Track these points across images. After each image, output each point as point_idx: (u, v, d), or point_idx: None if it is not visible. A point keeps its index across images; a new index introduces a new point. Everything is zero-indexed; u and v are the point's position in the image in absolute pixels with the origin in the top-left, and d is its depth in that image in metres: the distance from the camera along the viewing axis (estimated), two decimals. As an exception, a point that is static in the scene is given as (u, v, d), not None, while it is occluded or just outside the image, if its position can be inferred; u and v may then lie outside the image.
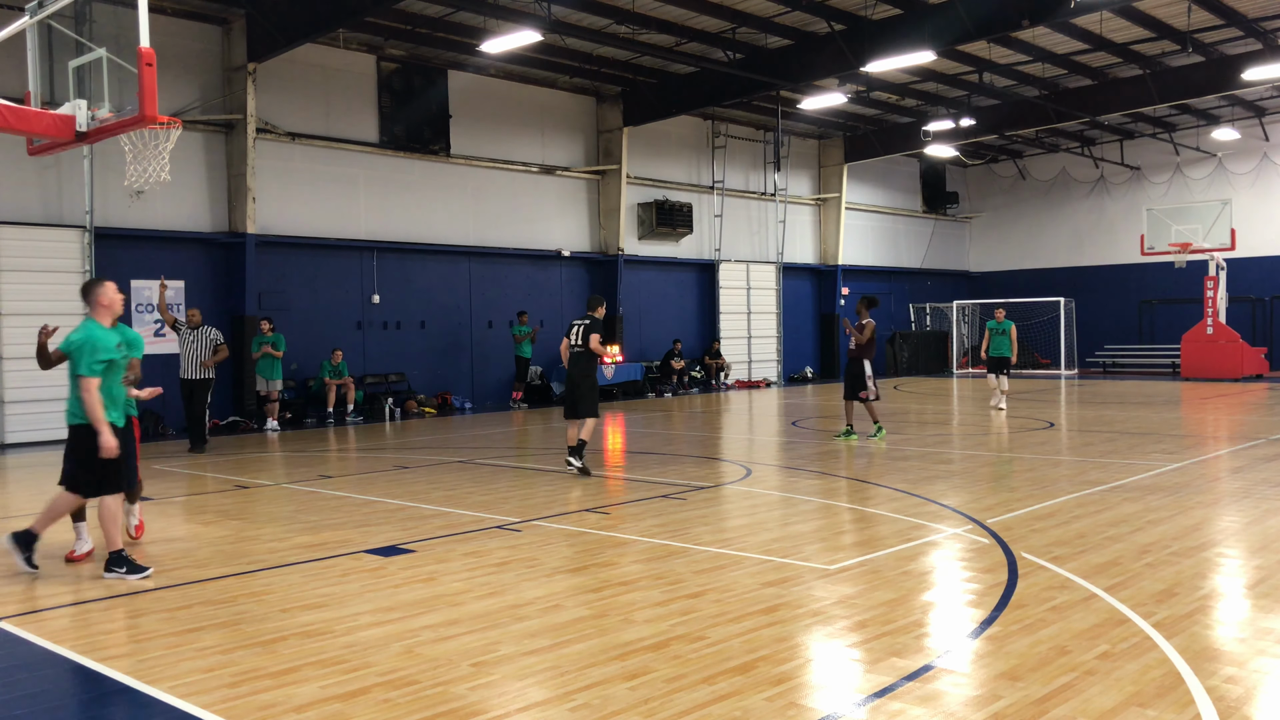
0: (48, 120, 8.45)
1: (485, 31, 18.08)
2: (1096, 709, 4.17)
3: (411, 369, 20.75)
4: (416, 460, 13.03)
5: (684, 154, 26.30)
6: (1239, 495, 9.17)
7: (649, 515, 8.80)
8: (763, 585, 6.23)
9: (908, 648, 5.01)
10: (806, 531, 8.00)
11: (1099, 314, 32.08)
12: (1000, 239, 35.17)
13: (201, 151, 17.79)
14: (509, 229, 22.39)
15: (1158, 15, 19.79)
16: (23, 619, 5.85)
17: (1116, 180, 32.34)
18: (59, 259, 16.03)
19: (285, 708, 4.36)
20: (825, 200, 30.23)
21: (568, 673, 4.72)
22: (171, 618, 5.82)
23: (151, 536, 8.36)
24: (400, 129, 20.36)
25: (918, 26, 18.20)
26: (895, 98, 25.90)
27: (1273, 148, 29.23)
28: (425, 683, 4.63)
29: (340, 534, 8.09)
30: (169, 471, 12.42)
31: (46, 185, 16.15)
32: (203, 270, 17.94)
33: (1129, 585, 6.05)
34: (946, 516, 8.37)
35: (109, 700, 4.57)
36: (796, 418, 18.13)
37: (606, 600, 5.98)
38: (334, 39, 18.93)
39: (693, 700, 4.34)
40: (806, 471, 11.35)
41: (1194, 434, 13.99)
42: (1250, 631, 5.22)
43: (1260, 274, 29.18)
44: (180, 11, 17.34)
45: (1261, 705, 4.24)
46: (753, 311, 28.07)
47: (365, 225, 20.01)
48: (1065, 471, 10.74)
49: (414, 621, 5.60)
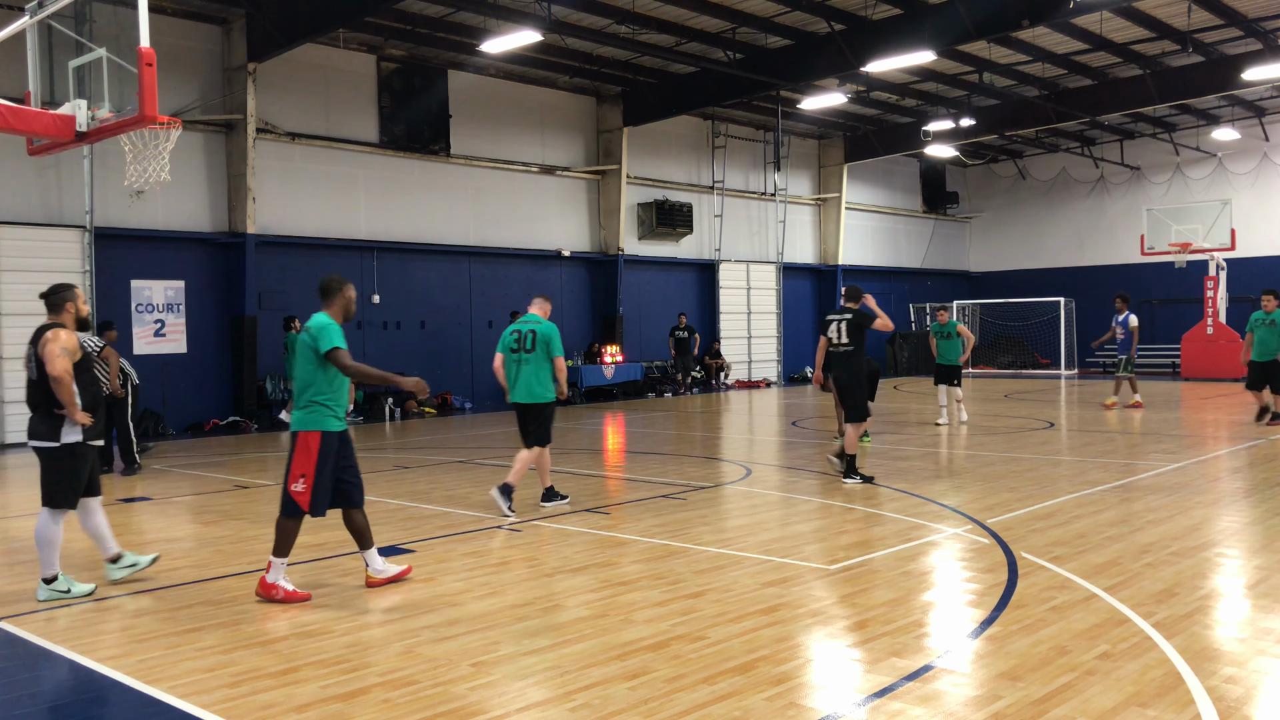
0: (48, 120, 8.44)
1: (485, 31, 18.08)
2: (1096, 709, 4.17)
3: (412, 369, 20.71)
4: (416, 460, 13.03)
5: (684, 154, 26.30)
6: (1239, 495, 9.17)
7: (649, 515, 8.79)
8: (763, 585, 6.23)
9: (908, 648, 5.01)
10: (806, 531, 8.00)
11: (1099, 314, 32.00)
12: (1000, 239, 35.16)
13: (201, 151, 17.78)
14: (509, 229, 22.39)
15: (1158, 15, 19.79)
16: (23, 619, 5.85)
17: (1116, 180, 32.33)
18: (59, 259, 16.03)
19: (285, 708, 4.36)
20: (825, 200, 30.23)
21: (568, 673, 4.72)
22: (171, 618, 5.82)
23: (152, 536, 8.37)
24: (400, 129, 20.35)
25: (918, 26, 18.20)
26: (895, 98, 25.90)
27: (1273, 148, 29.23)
28: (425, 683, 4.63)
29: (340, 534, 8.07)
30: (169, 471, 12.42)
31: (46, 185, 16.16)
32: (203, 270, 17.94)
33: (1129, 585, 6.05)
34: (946, 516, 8.36)
35: (109, 700, 4.57)
36: (796, 418, 18.13)
37: (606, 600, 5.98)
38: (334, 39, 18.93)
39: (693, 700, 4.34)
40: (806, 471, 11.35)
41: (1194, 434, 13.98)
42: (1250, 631, 5.22)
43: (1260, 274, 29.10)
44: (180, 11, 17.34)
45: (1261, 705, 4.24)
46: (753, 311, 28.06)
47: (365, 225, 20.01)
48: (1065, 471, 10.74)
49: (414, 621, 5.60)
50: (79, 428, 6.27)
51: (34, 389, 6.34)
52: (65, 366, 6.14)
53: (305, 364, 6.27)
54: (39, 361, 6.25)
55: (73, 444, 6.27)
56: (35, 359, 6.29)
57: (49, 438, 6.25)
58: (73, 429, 6.26)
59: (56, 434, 6.24)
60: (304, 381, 6.28)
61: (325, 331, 6.23)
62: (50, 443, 6.24)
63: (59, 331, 6.32)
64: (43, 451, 6.30)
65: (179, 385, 17.58)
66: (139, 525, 8.99)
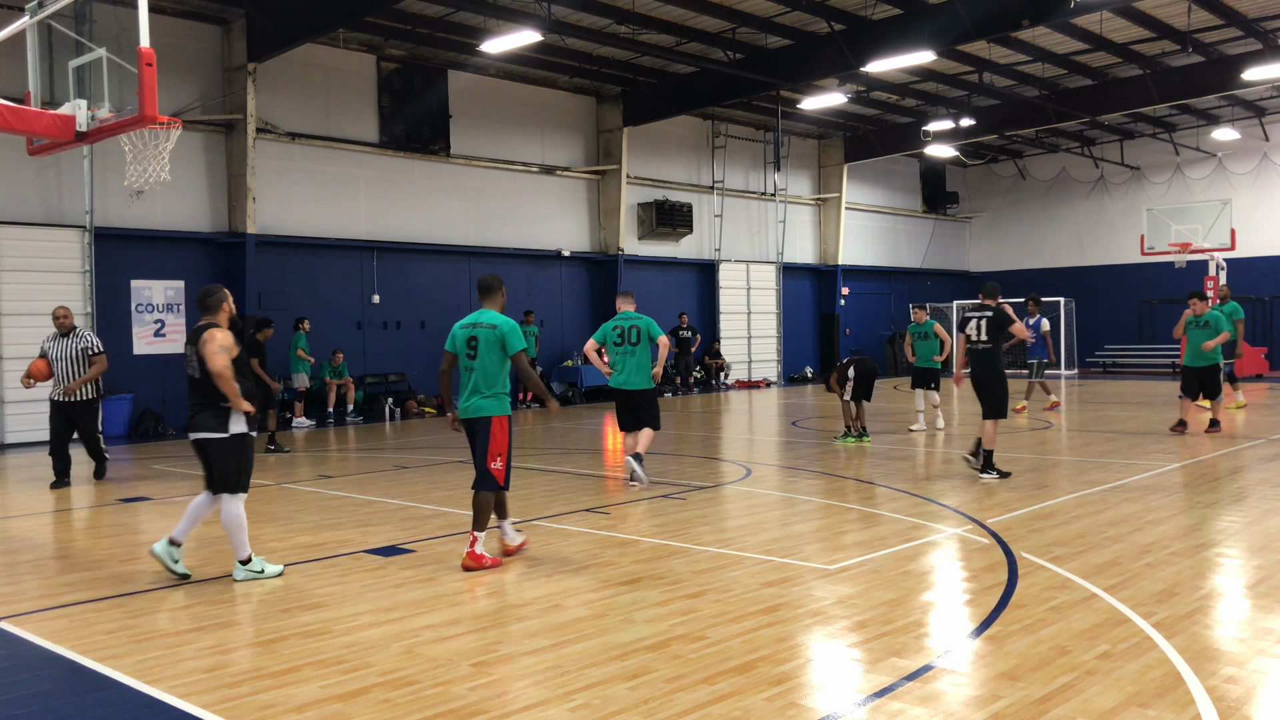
0: (48, 120, 8.45)
1: (485, 31, 18.08)
2: (1096, 709, 4.17)
3: (412, 369, 20.75)
4: (416, 460, 13.03)
5: (684, 154, 26.30)
6: (1239, 495, 9.17)
7: (649, 515, 8.80)
8: (763, 585, 6.23)
9: (908, 648, 5.01)
10: (806, 531, 8.00)
11: (1099, 314, 32.06)
12: (1000, 239, 35.17)
13: (201, 151, 17.79)
14: (509, 229, 22.39)
15: (1158, 15, 19.79)
16: (23, 619, 5.85)
17: (1116, 180, 32.33)
18: (59, 259, 16.04)
19: (285, 708, 4.36)
20: (825, 200, 30.23)
21: (568, 673, 4.72)
22: (171, 618, 5.82)
23: (152, 536, 8.36)
24: (400, 129, 20.36)
25: (918, 26, 18.20)
26: (895, 98, 25.90)
27: (1273, 148, 29.23)
28: (425, 683, 4.63)
29: (340, 534, 8.09)
30: (169, 471, 12.42)
31: (46, 185, 16.16)
32: (203, 270, 17.94)
33: (1129, 585, 6.05)
34: (946, 516, 8.36)
35: (109, 700, 4.57)
36: (796, 418, 18.13)
37: (606, 600, 5.98)
38: (334, 39, 18.93)
39: (693, 700, 4.34)
40: (806, 471, 11.35)
41: (1194, 434, 13.98)
42: (1250, 631, 5.21)
43: (1260, 274, 29.17)
44: (180, 11, 17.34)
45: (1261, 705, 4.24)
46: (753, 311, 28.07)
47: (365, 225, 20.02)
48: (1065, 471, 10.74)
49: (414, 621, 5.60)
50: (244, 418, 6.73)
51: (197, 386, 6.75)
52: (226, 362, 6.56)
53: (494, 357, 7.02)
54: (200, 359, 6.62)
55: (241, 434, 6.73)
56: (197, 357, 6.66)
57: (218, 430, 6.66)
58: (238, 419, 6.70)
59: (225, 426, 6.66)
60: (493, 373, 7.04)
61: (516, 333, 7.06)
62: (220, 434, 6.66)
63: (215, 331, 6.73)
64: (212, 443, 6.69)
65: (179, 385, 17.51)
66: (139, 525, 8.98)
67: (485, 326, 7.06)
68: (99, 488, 11.05)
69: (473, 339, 7.06)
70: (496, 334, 6.99)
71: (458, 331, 7.19)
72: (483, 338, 7.01)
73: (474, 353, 7.02)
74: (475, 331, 7.05)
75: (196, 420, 6.71)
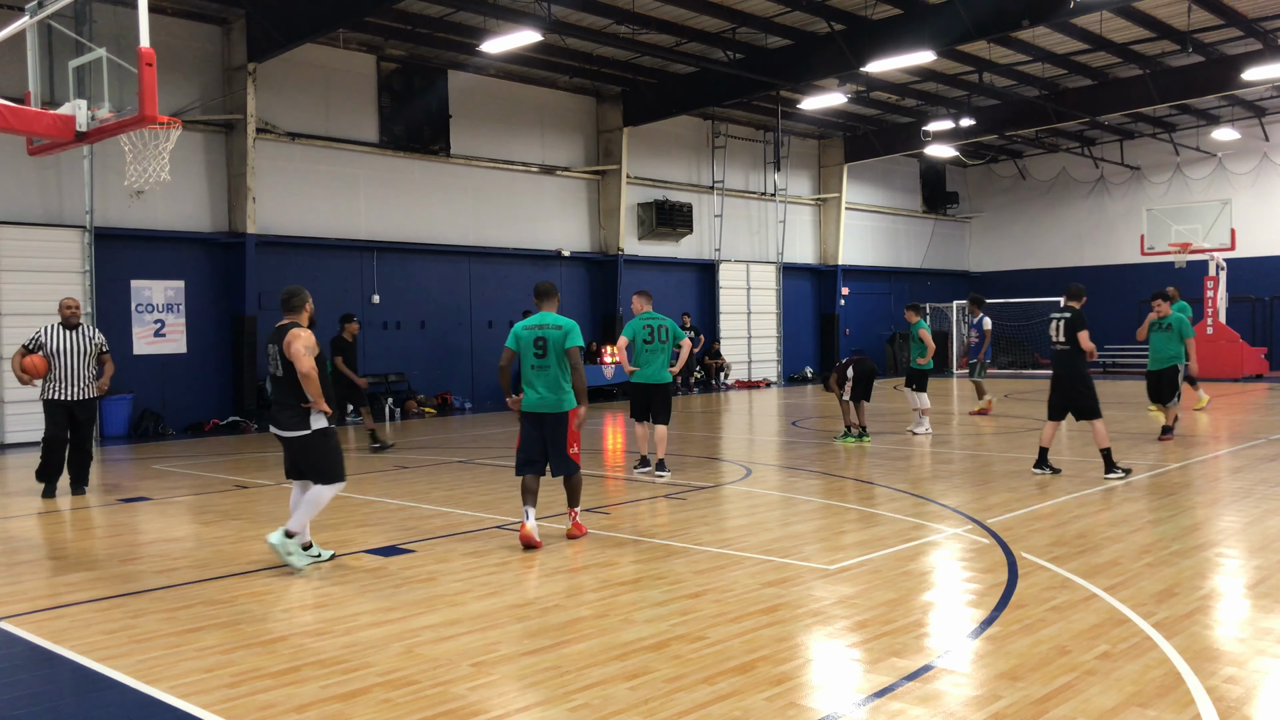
0: (48, 120, 8.44)
1: (485, 31, 18.09)
2: (1096, 709, 4.17)
3: (411, 369, 20.75)
4: (416, 460, 13.03)
5: (684, 154, 26.30)
6: (1239, 495, 9.17)
7: (649, 515, 8.80)
8: (763, 585, 6.23)
9: (908, 648, 5.01)
10: (806, 531, 8.00)
11: (1099, 314, 31.84)
12: (1000, 239, 35.16)
13: (201, 151, 17.79)
14: (509, 229, 22.39)
15: (1158, 15, 19.79)
16: (23, 619, 5.85)
17: (1116, 180, 32.33)
18: (59, 259, 16.03)
19: (285, 708, 4.36)
20: (825, 200, 30.23)
21: (568, 673, 4.72)
22: (171, 618, 5.82)
23: (152, 537, 8.36)
24: (400, 129, 20.36)
25: (918, 26, 18.20)
26: (895, 98, 25.91)
27: (1273, 148, 29.22)
28: (425, 683, 4.63)
29: (340, 534, 8.09)
30: (169, 471, 12.42)
31: (46, 185, 16.16)
32: (203, 270, 17.95)
33: (1129, 585, 6.05)
34: (946, 516, 8.37)
35: (109, 700, 4.57)
36: (796, 418, 18.13)
37: (606, 600, 5.98)
38: (334, 39, 18.94)
39: (693, 700, 4.34)
40: (806, 471, 11.35)
41: (1194, 434, 13.98)
42: (1250, 631, 5.22)
43: (1260, 274, 29.17)
44: (180, 11, 17.34)
45: (1261, 705, 4.24)
46: (753, 311, 28.07)
47: (365, 225, 20.01)
48: (1065, 471, 10.74)
49: (414, 621, 5.60)
50: (324, 415, 6.88)
51: (280, 384, 6.90)
52: (312, 363, 6.69)
53: (561, 355, 7.47)
54: (284, 359, 6.75)
55: (323, 429, 6.90)
56: (280, 357, 6.79)
57: (300, 427, 6.83)
58: (319, 416, 6.86)
59: (306, 423, 6.83)
60: (562, 370, 7.50)
61: (576, 332, 7.56)
62: (302, 431, 6.83)
63: (299, 330, 6.86)
64: (295, 440, 6.87)
65: (179, 385, 17.59)
66: (140, 525, 8.98)
67: (551, 328, 7.54)
68: (99, 489, 11.04)
69: (540, 339, 7.49)
70: (562, 333, 7.51)
71: (522, 333, 7.63)
72: (551, 338, 7.49)
73: (543, 352, 7.48)
74: (543, 333, 7.51)
75: (279, 418, 6.90)
